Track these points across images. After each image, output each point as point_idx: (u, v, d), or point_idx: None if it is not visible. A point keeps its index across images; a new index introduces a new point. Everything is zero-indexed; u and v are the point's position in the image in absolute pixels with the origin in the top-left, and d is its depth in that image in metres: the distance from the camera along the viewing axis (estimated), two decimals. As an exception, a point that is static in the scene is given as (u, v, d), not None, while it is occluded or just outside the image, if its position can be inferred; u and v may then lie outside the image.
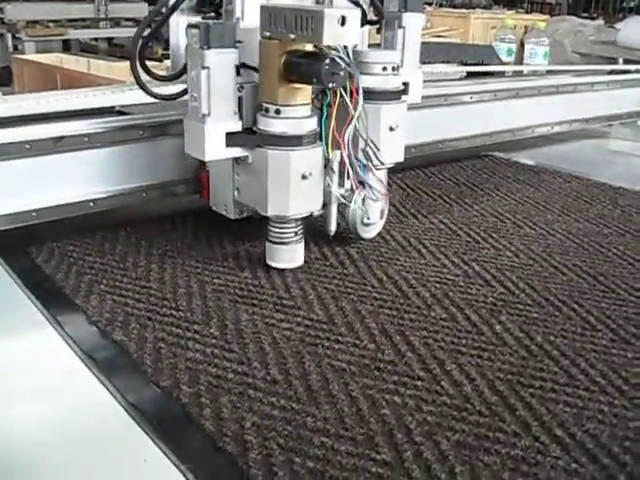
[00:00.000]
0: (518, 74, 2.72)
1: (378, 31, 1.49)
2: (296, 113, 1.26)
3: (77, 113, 1.48)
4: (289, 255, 1.36)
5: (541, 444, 0.89)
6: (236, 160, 1.34)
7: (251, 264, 1.38)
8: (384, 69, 1.39)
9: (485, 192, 1.93)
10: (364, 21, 1.40)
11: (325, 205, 1.40)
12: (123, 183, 1.46)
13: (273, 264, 1.36)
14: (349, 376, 1.02)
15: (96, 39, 7.05)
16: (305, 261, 1.39)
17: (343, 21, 1.13)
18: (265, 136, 1.27)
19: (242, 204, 1.41)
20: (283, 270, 1.35)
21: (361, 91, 1.25)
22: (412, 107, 1.49)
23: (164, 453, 0.86)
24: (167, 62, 4.08)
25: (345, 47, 1.19)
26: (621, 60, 2.99)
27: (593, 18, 5.72)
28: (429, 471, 0.83)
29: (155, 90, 1.41)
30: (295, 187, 1.28)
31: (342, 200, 1.40)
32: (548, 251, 1.51)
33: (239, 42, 1.25)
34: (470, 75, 2.43)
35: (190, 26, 1.22)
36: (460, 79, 2.36)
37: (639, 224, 1.71)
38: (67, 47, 6.59)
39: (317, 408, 0.94)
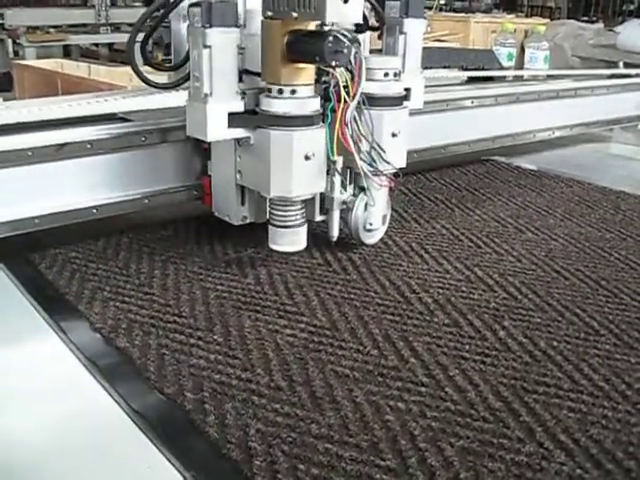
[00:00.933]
0: (519, 79, 2.71)
1: (379, 37, 1.49)
2: (299, 93, 1.25)
3: (79, 120, 1.48)
4: (292, 238, 1.35)
5: (545, 450, 0.89)
6: (238, 142, 1.33)
7: (254, 270, 1.38)
8: (386, 75, 1.39)
9: (487, 197, 1.93)
10: (366, 27, 1.40)
11: (328, 211, 1.40)
12: (125, 190, 1.46)
13: (276, 247, 1.35)
14: (353, 382, 1.02)
15: (97, 44, 7.07)
16: (308, 267, 1.40)
17: None
18: (267, 116, 1.25)
19: (245, 208, 1.41)
20: (286, 276, 1.35)
21: (364, 67, 1.24)
22: (413, 112, 1.49)
23: (168, 460, 0.86)
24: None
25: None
26: (621, 64, 2.99)
27: (593, 22, 5.72)
28: (433, 477, 0.83)
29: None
30: (298, 168, 1.27)
31: (344, 206, 1.40)
32: (550, 256, 1.51)
33: (242, 49, 1.25)
34: (471, 80, 2.43)
35: (192, 5, 1.21)
36: (461, 84, 2.36)
37: (641, 228, 1.71)
38: (68, 53, 6.60)
39: (321, 414, 0.94)
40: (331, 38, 1.17)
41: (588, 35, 3.75)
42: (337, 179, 1.38)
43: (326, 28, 1.20)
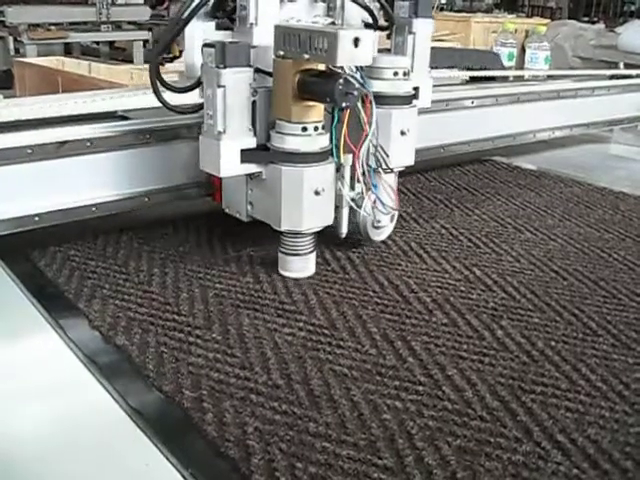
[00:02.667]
0: (519, 79, 2.72)
1: (388, 36, 1.51)
2: (309, 130, 1.27)
3: (79, 118, 1.49)
4: (302, 265, 1.37)
5: (542, 449, 0.89)
6: (249, 176, 1.35)
7: (253, 269, 1.39)
8: (395, 74, 1.41)
9: (486, 197, 1.93)
10: (375, 27, 1.41)
11: (336, 208, 1.42)
12: (125, 188, 1.46)
13: (286, 274, 1.37)
14: (351, 381, 1.02)
15: (97, 42, 7.07)
16: (307, 266, 1.40)
17: (357, 42, 1.13)
18: (279, 153, 1.28)
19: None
20: (284, 275, 1.36)
21: (375, 110, 1.27)
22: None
23: (166, 458, 0.86)
24: (168, 65, 4.09)
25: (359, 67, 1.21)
26: (622, 64, 3.00)
27: (594, 22, 5.73)
28: (430, 476, 0.83)
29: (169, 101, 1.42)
30: (308, 203, 1.29)
31: (352, 204, 1.42)
32: (549, 256, 1.51)
33: (253, 47, 1.27)
34: (473, 80, 2.43)
35: (206, 45, 1.23)
36: (461, 84, 2.36)
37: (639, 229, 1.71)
38: (68, 50, 6.60)
39: (319, 413, 0.94)
40: (342, 81, 1.19)
41: (589, 36, 3.75)
42: (346, 178, 1.39)
43: (337, 69, 1.22)
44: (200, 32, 1.38)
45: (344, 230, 1.45)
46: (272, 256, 1.44)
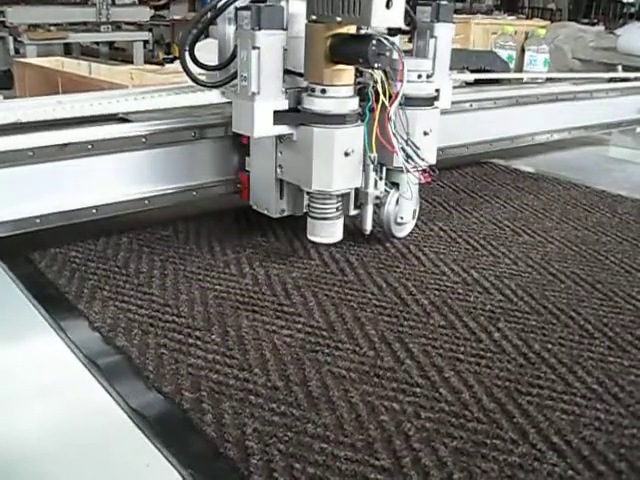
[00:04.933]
0: (518, 81, 2.73)
1: (410, 40, 1.55)
2: (340, 93, 1.31)
3: (80, 120, 1.49)
4: (330, 230, 1.41)
5: (538, 451, 0.90)
6: (279, 139, 1.39)
7: (252, 271, 1.39)
8: (419, 76, 1.46)
9: (484, 199, 1.94)
10: (397, 30, 1.45)
11: (362, 205, 1.46)
12: (127, 190, 1.47)
13: (314, 239, 1.42)
14: (349, 383, 1.03)
15: (97, 43, 7.08)
16: (305, 268, 1.41)
17: (388, 4, 1.18)
18: (310, 114, 1.32)
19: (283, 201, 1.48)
20: (284, 276, 1.37)
21: (406, 69, 1.30)
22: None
23: (166, 458, 0.87)
24: (168, 66, 4.10)
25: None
26: (620, 67, 3.00)
27: (594, 24, 5.74)
28: (427, 477, 0.84)
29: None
30: (338, 163, 1.33)
31: (378, 200, 1.47)
32: (547, 259, 1.52)
33: (284, 50, 1.31)
34: (476, 82, 2.44)
35: (241, 8, 1.28)
36: (460, 86, 2.37)
37: (637, 232, 1.72)
38: (68, 51, 6.62)
39: (317, 414, 0.95)
40: (374, 42, 1.23)
41: (589, 37, 3.76)
42: (372, 175, 1.44)
43: (368, 32, 1.28)
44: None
45: (369, 227, 1.50)
46: (271, 257, 1.45)
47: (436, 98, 1.53)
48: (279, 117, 1.32)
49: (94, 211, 1.43)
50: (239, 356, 1.08)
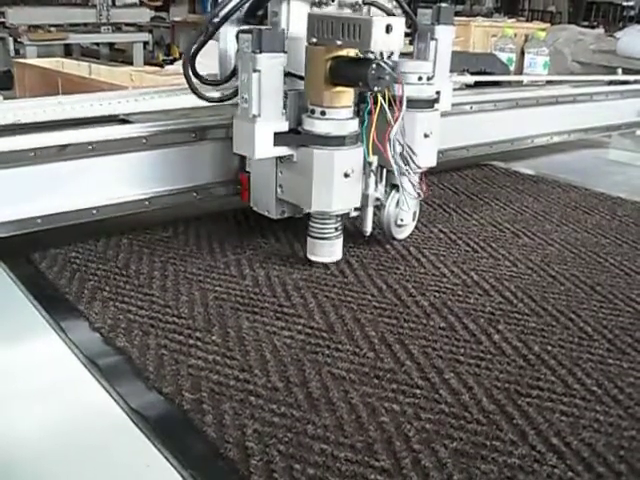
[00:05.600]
0: (518, 84, 2.73)
1: (411, 42, 1.56)
2: (340, 115, 1.32)
3: (81, 121, 1.50)
4: (329, 250, 1.41)
5: (537, 453, 0.90)
6: (280, 159, 1.40)
7: (252, 272, 1.39)
8: (419, 79, 1.47)
9: (484, 201, 1.94)
10: (414, 30, 1.49)
11: (362, 207, 1.46)
12: (127, 191, 1.47)
13: (314, 258, 1.42)
14: (349, 384, 1.03)
15: (97, 44, 7.08)
16: (305, 269, 1.41)
17: (388, 29, 1.19)
18: (310, 136, 1.33)
19: (283, 202, 1.47)
20: (284, 278, 1.37)
21: (405, 93, 1.31)
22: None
23: (166, 459, 0.87)
24: (168, 67, 4.10)
25: (389, 55, 1.27)
26: (620, 70, 3.01)
27: (593, 27, 5.74)
28: (427, 478, 0.84)
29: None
30: (338, 185, 1.34)
31: (378, 202, 1.48)
32: (546, 261, 1.53)
33: (284, 52, 1.31)
34: (476, 84, 2.44)
35: (242, 32, 1.29)
36: (460, 89, 2.37)
37: (636, 234, 1.72)
38: (68, 52, 6.62)
39: (317, 415, 0.95)
40: (374, 65, 1.24)
41: (588, 40, 3.76)
42: (372, 178, 1.44)
43: (368, 55, 1.28)
44: (232, 36, 1.49)
45: (369, 228, 1.50)
46: (271, 259, 1.45)
47: (436, 100, 1.53)
48: (280, 138, 1.33)
49: (95, 212, 1.43)
50: (239, 357, 1.08)
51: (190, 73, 1.46)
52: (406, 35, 1.52)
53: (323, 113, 1.31)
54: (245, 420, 0.93)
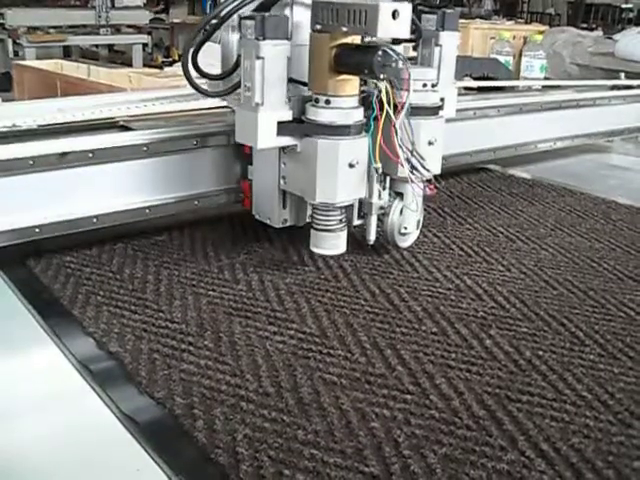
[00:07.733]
0: (522, 88, 2.73)
1: (414, 48, 1.54)
2: (345, 103, 1.30)
3: (80, 127, 1.50)
4: (333, 242, 1.39)
5: (526, 458, 0.90)
6: (283, 150, 1.38)
7: (246, 276, 1.40)
8: (424, 85, 1.45)
9: (479, 205, 1.95)
10: (419, 35, 1.47)
11: (366, 215, 1.45)
12: (128, 199, 1.47)
13: (318, 251, 1.40)
14: (340, 389, 1.03)
15: (97, 45, 7.10)
16: (299, 274, 1.42)
17: (395, 15, 1.17)
18: (314, 125, 1.30)
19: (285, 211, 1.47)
20: (277, 282, 1.37)
21: (412, 80, 1.28)
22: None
23: (157, 463, 0.88)
24: (167, 69, 4.10)
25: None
26: (623, 75, 3.01)
27: (592, 29, 5.74)
28: (416, 484, 0.85)
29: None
30: (343, 175, 1.32)
31: (382, 211, 1.46)
32: (540, 265, 1.53)
33: (288, 39, 1.29)
34: (479, 89, 2.44)
35: (245, 18, 1.26)
36: (462, 94, 2.37)
37: (630, 239, 1.73)
38: (67, 53, 6.63)
39: (308, 421, 0.96)
40: (380, 52, 1.22)
41: (587, 43, 3.76)
42: (376, 185, 1.43)
43: (373, 42, 1.27)
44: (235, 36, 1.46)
45: (373, 237, 1.49)
46: (265, 263, 1.46)
47: (441, 107, 1.51)
48: (283, 128, 1.30)
49: (94, 220, 1.43)
50: (231, 362, 1.09)
51: (189, 65, 1.42)
52: (410, 41, 1.52)
53: (328, 102, 1.29)
54: (236, 425, 0.94)
